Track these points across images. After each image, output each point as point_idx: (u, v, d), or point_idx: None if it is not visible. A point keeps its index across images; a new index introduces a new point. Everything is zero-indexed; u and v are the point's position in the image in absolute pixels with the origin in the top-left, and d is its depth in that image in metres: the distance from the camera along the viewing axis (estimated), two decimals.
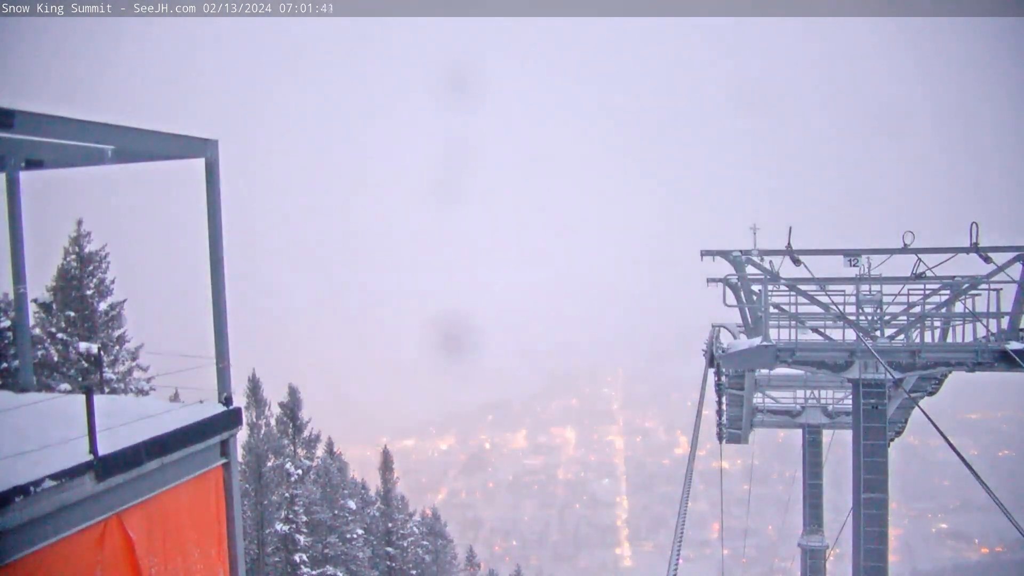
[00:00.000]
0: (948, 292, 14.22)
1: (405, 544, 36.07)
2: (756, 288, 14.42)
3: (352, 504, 31.71)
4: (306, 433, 30.26)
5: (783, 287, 14.46)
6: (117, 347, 22.05)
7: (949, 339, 14.35)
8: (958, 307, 14.26)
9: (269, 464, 28.34)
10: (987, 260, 13.34)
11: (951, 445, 8.58)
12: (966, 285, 13.82)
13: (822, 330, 14.59)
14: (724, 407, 20.18)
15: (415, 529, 37.27)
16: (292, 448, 29.38)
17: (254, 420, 28.76)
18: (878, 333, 14.34)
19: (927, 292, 14.28)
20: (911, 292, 14.32)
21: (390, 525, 35.95)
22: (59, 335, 20.68)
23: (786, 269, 14.37)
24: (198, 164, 8.50)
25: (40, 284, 20.86)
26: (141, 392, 21.39)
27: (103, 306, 21.89)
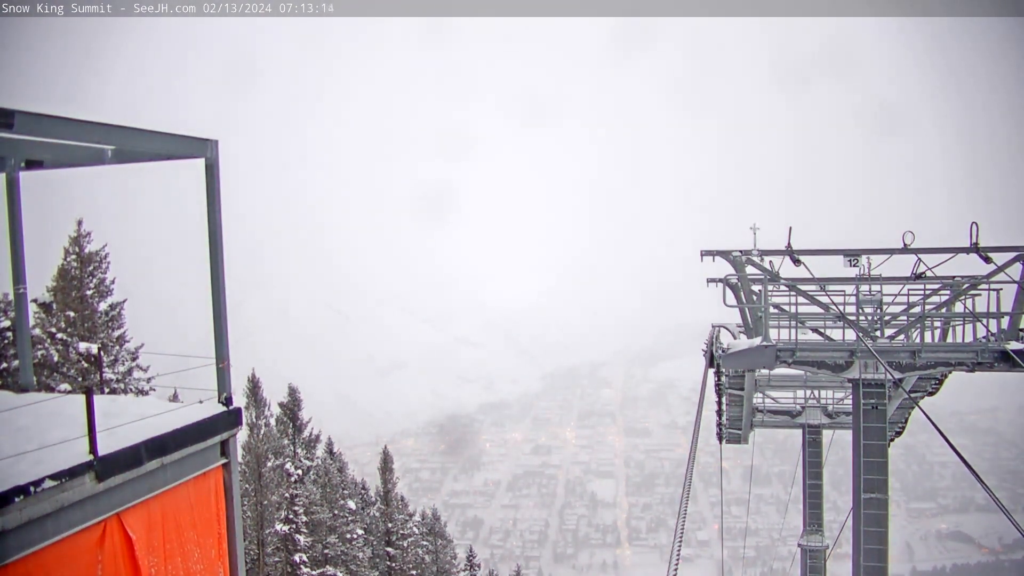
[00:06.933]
0: (948, 292, 14.18)
1: (405, 544, 36.03)
2: (756, 288, 14.40)
3: (352, 504, 31.69)
4: (306, 433, 30.24)
5: (783, 287, 14.43)
6: (117, 347, 22.02)
7: (949, 339, 14.32)
8: (958, 307, 14.23)
9: (269, 464, 28.31)
10: (987, 260, 13.30)
11: (951, 445, 8.57)
12: (966, 285, 13.78)
13: (822, 330, 14.58)
14: (724, 407, 20.14)
15: (415, 529, 37.21)
16: (292, 448, 29.36)
17: (254, 420, 28.70)
18: (878, 333, 14.32)
19: (927, 292, 14.24)
20: (911, 292, 14.29)
21: (390, 525, 35.92)
22: (59, 335, 20.65)
23: (786, 269, 14.35)
24: (198, 164, 8.50)
25: (40, 284, 20.85)
26: (141, 392, 21.37)
27: (103, 306, 21.86)
